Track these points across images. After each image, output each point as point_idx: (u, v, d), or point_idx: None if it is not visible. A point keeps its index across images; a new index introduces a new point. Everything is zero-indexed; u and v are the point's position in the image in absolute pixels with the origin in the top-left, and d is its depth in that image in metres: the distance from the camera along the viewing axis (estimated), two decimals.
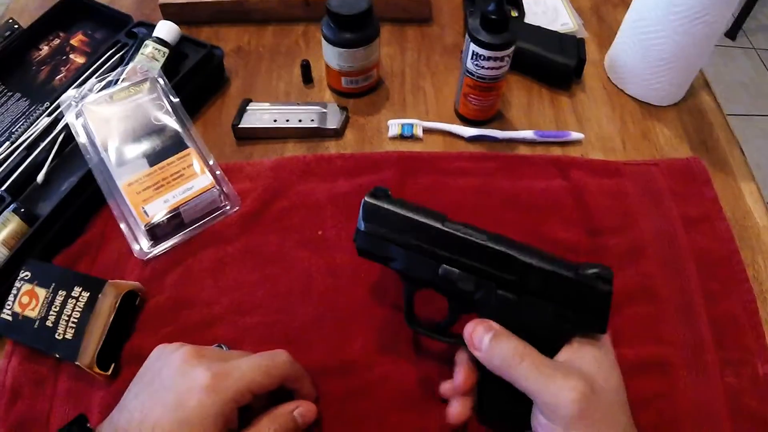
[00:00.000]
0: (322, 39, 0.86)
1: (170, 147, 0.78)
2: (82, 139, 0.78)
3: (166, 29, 0.88)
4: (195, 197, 0.75)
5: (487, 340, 0.54)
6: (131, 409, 0.53)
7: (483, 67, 0.79)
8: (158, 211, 0.74)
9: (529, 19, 0.98)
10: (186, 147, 0.79)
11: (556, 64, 0.91)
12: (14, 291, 0.67)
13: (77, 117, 0.79)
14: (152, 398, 0.53)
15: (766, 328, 0.69)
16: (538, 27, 0.95)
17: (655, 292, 0.70)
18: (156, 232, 0.75)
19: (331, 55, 0.87)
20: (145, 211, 0.73)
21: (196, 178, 0.76)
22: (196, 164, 0.78)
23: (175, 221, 0.75)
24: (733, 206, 0.80)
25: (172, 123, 0.80)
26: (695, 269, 0.72)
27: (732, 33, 3.01)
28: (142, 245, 0.74)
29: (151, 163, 0.77)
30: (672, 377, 0.65)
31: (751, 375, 0.65)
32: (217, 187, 0.77)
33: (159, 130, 0.79)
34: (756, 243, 0.76)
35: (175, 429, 0.50)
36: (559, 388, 0.50)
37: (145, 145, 0.78)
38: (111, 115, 0.79)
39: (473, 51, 0.78)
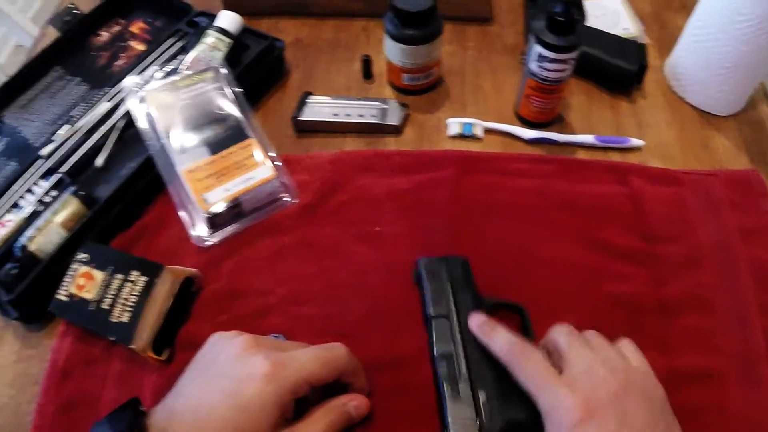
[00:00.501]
0: (384, 35, 0.86)
1: (231, 136, 0.79)
2: (143, 124, 0.79)
3: (229, 19, 0.89)
4: (256, 187, 0.76)
5: (482, 325, 0.61)
6: (186, 394, 0.54)
7: (547, 69, 0.78)
8: (218, 200, 0.74)
9: (589, 22, 0.98)
10: (247, 137, 0.79)
11: (618, 68, 0.90)
12: (71, 272, 0.68)
13: (140, 103, 0.80)
14: (209, 384, 0.54)
15: None
16: (600, 30, 0.94)
17: (710, 302, 0.69)
18: (215, 220, 0.75)
19: (393, 51, 0.87)
20: (205, 199, 0.74)
21: (257, 168, 0.77)
22: (258, 154, 0.78)
23: (235, 210, 0.76)
24: None
25: (234, 112, 0.81)
26: (752, 281, 0.71)
27: None
28: (201, 232, 0.75)
29: (213, 152, 0.77)
30: (723, 389, 0.64)
31: None
32: (278, 179, 0.77)
33: (221, 119, 0.80)
34: None
35: (231, 415, 0.51)
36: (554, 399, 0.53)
37: (207, 133, 0.78)
38: (173, 103, 0.80)
39: (538, 52, 0.77)
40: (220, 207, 0.74)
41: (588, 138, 0.85)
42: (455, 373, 0.59)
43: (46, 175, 0.80)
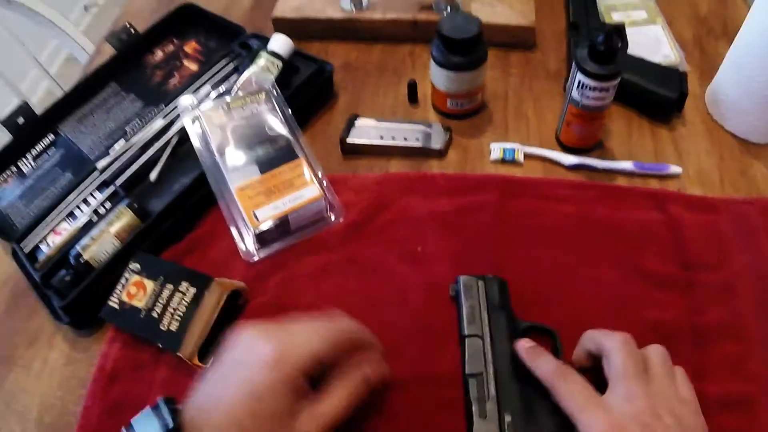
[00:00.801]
0: (431, 60, 0.88)
1: (281, 156, 0.81)
2: (197, 142, 0.82)
3: (281, 43, 0.91)
4: (303, 206, 0.78)
5: (528, 351, 0.63)
6: (208, 390, 0.55)
7: (588, 97, 0.79)
8: (267, 217, 0.76)
9: (631, 49, 0.98)
10: (297, 157, 0.81)
11: (658, 96, 0.91)
12: (123, 281, 0.71)
13: (194, 121, 0.84)
14: (226, 377, 0.55)
15: None
16: (641, 58, 0.95)
17: (744, 330, 0.70)
18: (263, 236, 0.77)
19: (438, 77, 0.89)
20: (255, 215, 0.76)
21: (305, 187, 0.79)
22: (307, 174, 0.80)
23: (283, 227, 0.78)
24: None
25: (284, 132, 0.83)
26: None
27: None
28: (250, 247, 0.78)
29: (263, 170, 0.79)
30: (755, 416, 0.64)
31: None
32: (325, 198, 0.79)
33: (271, 139, 0.82)
34: None
35: (248, 403, 0.51)
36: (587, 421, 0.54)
37: (258, 153, 0.81)
38: (226, 122, 0.83)
39: (579, 80, 0.79)
40: (268, 224, 0.76)
41: (627, 165, 0.86)
42: (484, 393, 0.62)
43: (101, 187, 0.84)
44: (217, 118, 0.83)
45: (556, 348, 0.67)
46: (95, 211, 0.81)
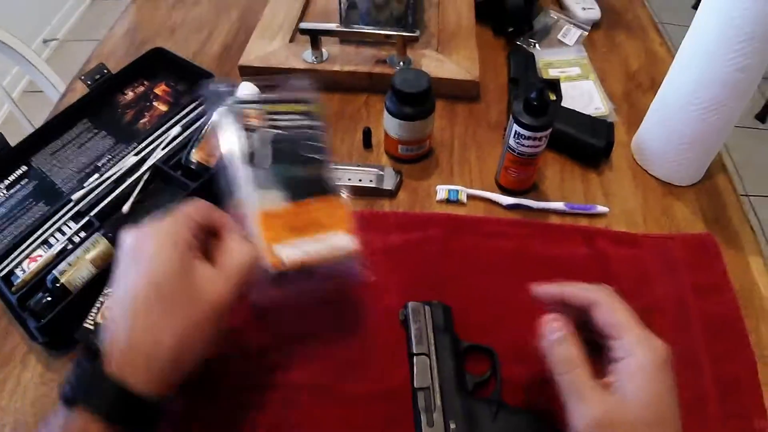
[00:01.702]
0: (385, 110, 0.93)
1: (315, 186, 0.71)
2: (225, 143, 0.71)
3: (247, 90, 0.95)
4: (337, 259, 0.68)
5: (553, 339, 0.60)
6: (113, 298, 0.61)
7: (523, 145, 0.85)
8: (292, 258, 0.65)
9: (566, 102, 1.05)
10: (335, 192, 0.71)
11: (587, 144, 0.97)
12: (98, 304, 0.74)
13: (225, 119, 0.73)
14: (122, 275, 0.59)
15: (764, 389, 0.73)
16: (573, 110, 1.02)
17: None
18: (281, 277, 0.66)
19: (390, 125, 0.94)
20: (276, 251, 0.65)
21: (338, 233, 0.69)
22: (346, 219, 0.70)
23: (303, 275, 0.67)
24: (741, 278, 0.84)
25: (323, 159, 0.74)
26: (703, 332, 0.77)
27: (762, 116, 3.05)
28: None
29: (293, 197, 0.69)
30: None
31: (748, 430, 0.70)
32: (358, 253, 0.69)
33: (309, 161, 0.73)
34: (760, 312, 0.81)
35: (143, 278, 0.56)
36: (580, 411, 0.55)
37: (293, 173, 0.71)
38: (264, 126, 0.73)
39: (515, 131, 0.84)
40: (291, 266, 0.65)
41: (559, 205, 0.92)
42: (431, 404, 0.68)
43: (75, 218, 0.87)
44: (255, 119, 0.73)
45: (495, 366, 0.73)
46: (70, 240, 0.84)
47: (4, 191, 0.93)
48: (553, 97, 1.09)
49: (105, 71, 1.06)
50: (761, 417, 0.71)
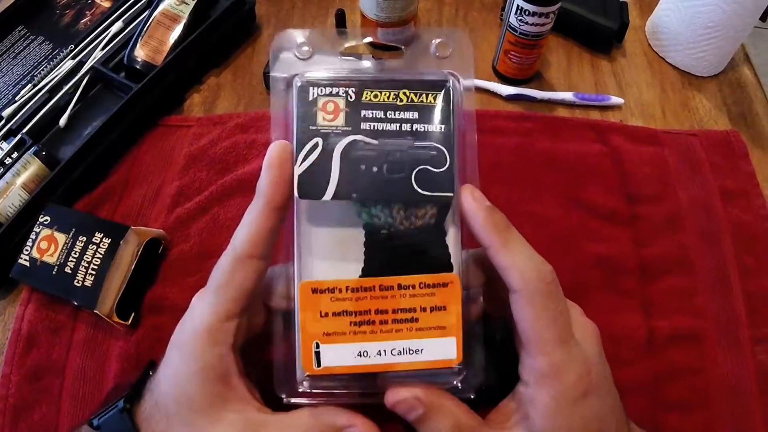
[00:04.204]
0: None
1: (421, 250, 0.43)
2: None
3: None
4: (421, 369, 0.43)
5: (412, 419, 0.43)
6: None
7: (527, 23, 0.78)
8: (340, 365, 0.42)
9: None
10: (449, 267, 0.43)
11: (598, 26, 0.89)
12: (33, 236, 0.66)
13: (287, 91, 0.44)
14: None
15: None
16: None
17: (691, 263, 0.69)
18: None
19: (368, 4, 0.85)
20: (317, 354, 0.42)
21: (437, 334, 0.43)
22: (454, 312, 0.43)
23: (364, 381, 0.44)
24: None
25: (448, 197, 0.43)
26: (731, 243, 0.71)
27: (764, 15, 2.97)
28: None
29: (370, 270, 0.42)
30: (704, 351, 0.64)
31: None
32: (463, 366, 0.43)
33: (417, 204, 0.43)
34: None
35: (171, 388, 0.44)
36: None
37: (387, 222, 0.43)
38: (342, 132, 0.42)
39: (518, 5, 0.77)
40: (335, 382, 0.44)
41: (567, 95, 0.84)
42: None
43: (7, 137, 0.78)
44: (329, 117, 0.42)
45: None
46: (1, 162, 0.75)
47: None
48: None
49: None
50: None
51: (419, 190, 0.42)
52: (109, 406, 0.47)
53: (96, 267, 0.63)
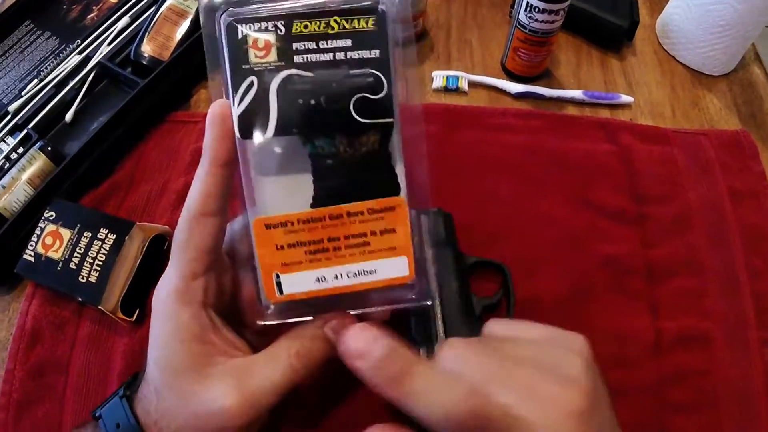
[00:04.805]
0: None
1: (367, 177, 0.43)
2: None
3: None
4: (376, 288, 0.44)
5: None
6: None
7: (536, 20, 0.77)
8: (301, 291, 0.43)
9: None
10: (396, 190, 0.43)
11: (608, 24, 0.89)
12: (38, 231, 0.66)
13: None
14: None
15: None
16: None
17: (700, 264, 0.69)
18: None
19: None
20: (278, 283, 0.43)
21: (390, 255, 0.44)
22: (403, 232, 0.44)
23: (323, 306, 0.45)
24: None
25: (390, 122, 0.43)
26: (740, 244, 0.71)
27: None
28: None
29: (320, 201, 0.42)
30: (712, 353, 0.63)
31: None
32: (417, 281, 0.45)
33: (359, 130, 0.42)
34: None
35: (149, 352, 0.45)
36: None
37: (323, 149, 0.42)
38: (277, 66, 0.41)
39: (528, 2, 0.76)
40: (296, 311, 0.44)
41: (576, 93, 0.83)
42: (431, 334, 0.58)
43: (13, 132, 0.78)
44: (261, 54, 0.41)
45: (507, 285, 0.64)
46: (7, 158, 0.75)
47: None
48: None
49: None
50: None
51: (359, 119, 0.42)
52: (111, 396, 0.47)
53: (101, 263, 0.63)
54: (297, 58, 0.41)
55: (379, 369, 0.40)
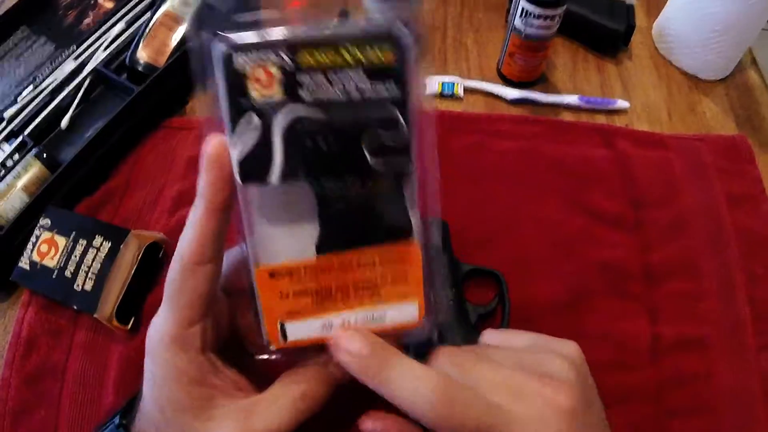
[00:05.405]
0: None
1: (376, 223, 0.39)
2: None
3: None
4: (386, 332, 0.42)
5: None
6: None
7: (532, 26, 0.77)
8: (304, 338, 0.41)
9: None
10: (408, 233, 0.39)
11: (605, 28, 0.89)
12: (33, 239, 0.66)
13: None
14: None
15: None
16: None
17: (697, 268, 0.69)
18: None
19: (370, 2, 0.86)
20: (282, 329, 0.41)
21: (401, 300, 0.41)
22: (415, 277, 0.41)
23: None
24: None
25: (402, 152, 0.37)
26: (737, 248, 0.71)
27: None
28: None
29: (326, 247, 0.39)
30: (709, 358, 0.63)
31: None
32: (428, 322, 0.42)
33: (370, 175, 0.37)
34: None
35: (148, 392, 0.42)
36: None
37: (339, 194, 0.38)
38: (281, 101, 0.35)
39: (523, 8, 0.76)
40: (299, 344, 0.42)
41: (572, 98, 0.83)
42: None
43: (9, 139, 0.78)
44: (262, 88, 0.35)
45: (502, 292, 0.64)
46: (2, 164, 0.75)
47: None
48: None
49: None
50: None
51: (372, 159, 0.37)
52: (106, 423, 0.46)
53: (96, 271, 0.63)
54: (303, 93, 0.36)
55: (363, 358, 0.39)
